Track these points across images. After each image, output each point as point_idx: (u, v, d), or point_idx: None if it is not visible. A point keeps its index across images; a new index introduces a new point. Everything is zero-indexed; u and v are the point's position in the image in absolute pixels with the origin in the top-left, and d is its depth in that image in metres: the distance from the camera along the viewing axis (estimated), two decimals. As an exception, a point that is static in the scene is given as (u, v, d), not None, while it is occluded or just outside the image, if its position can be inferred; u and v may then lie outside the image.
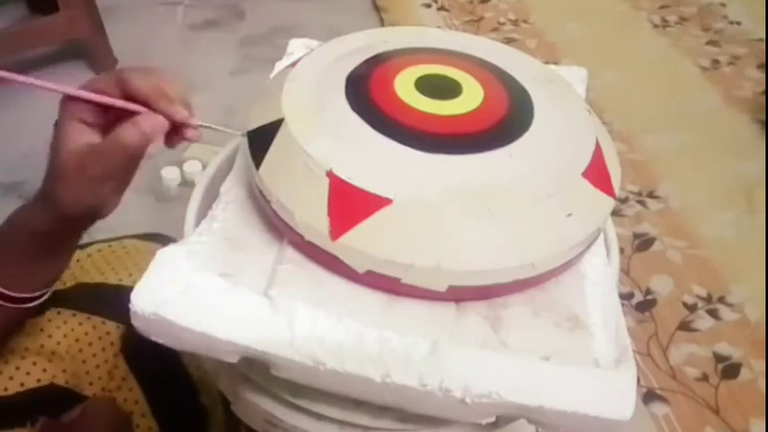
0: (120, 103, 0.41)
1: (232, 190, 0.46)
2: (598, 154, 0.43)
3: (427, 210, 0.38)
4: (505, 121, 0.43)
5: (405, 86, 0.44)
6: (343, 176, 0.38)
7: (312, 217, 0.38)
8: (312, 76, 0.46)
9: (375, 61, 0.47)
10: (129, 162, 0.41)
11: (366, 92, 0.44)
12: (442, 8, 1.75)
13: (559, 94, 0.48)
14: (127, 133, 0.40)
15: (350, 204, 0.38)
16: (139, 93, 0.40)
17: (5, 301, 0.46)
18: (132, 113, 0.41)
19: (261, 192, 0.41)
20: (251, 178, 0.43)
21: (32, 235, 0.45)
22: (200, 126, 0.43)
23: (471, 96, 0.44)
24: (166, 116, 0.41)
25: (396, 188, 0.38)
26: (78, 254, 0.61)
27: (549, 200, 0.39)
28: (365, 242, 0.37)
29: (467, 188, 0.39)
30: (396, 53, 0.49)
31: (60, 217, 0.43)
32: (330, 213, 0.38)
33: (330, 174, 0.38)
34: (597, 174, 0.42)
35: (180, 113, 0.41)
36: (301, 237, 0.39)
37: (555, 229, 0.39)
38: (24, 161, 1.26)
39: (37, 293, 0.48)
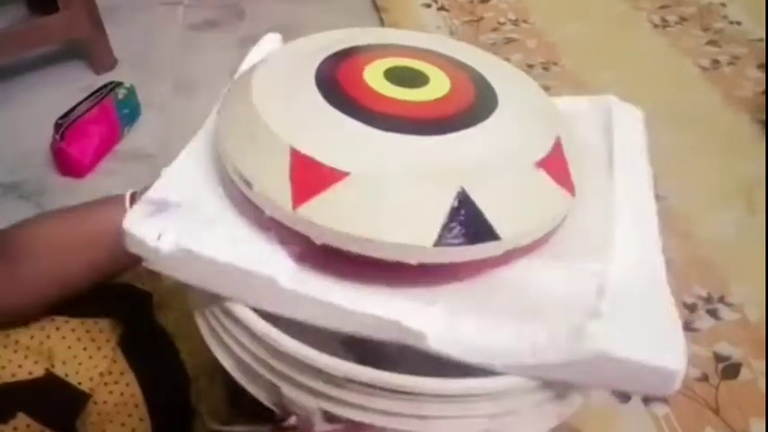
0: None
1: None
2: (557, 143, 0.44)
3: (385, 184, 0.38)
4: (472, 107, 0.44)
5: (374, 76, 0.45)
6: (305, 151, 0.39)
7: (273, 189, 0.39)
8: (283, 64, 0.47)
9: (345, 54, 0.49)
10: None
11: (335, 80, 0.45)
12: (442, 8, 1.75)
13: (521, 86, 0.50)
14: None
15: (309, 177, 0.38)
16: None
17: None
18: None
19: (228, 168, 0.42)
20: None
21: None
22: None
23: (438, 86, 0.45)
24: None
25: (354, 162, 0.38)
26: None
27: (511, 180, 0.40)
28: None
29: (431, 164, 0.39)
30: (364, 48, 0.50)
31: None
32: (292, 185, 0.38)
33: (292, 148, 0.39)
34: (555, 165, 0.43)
35: None
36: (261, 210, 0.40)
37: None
38: (24, 161, 1.26)
39: None
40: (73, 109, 1.24)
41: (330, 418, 0.40)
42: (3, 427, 0.51)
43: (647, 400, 0.89)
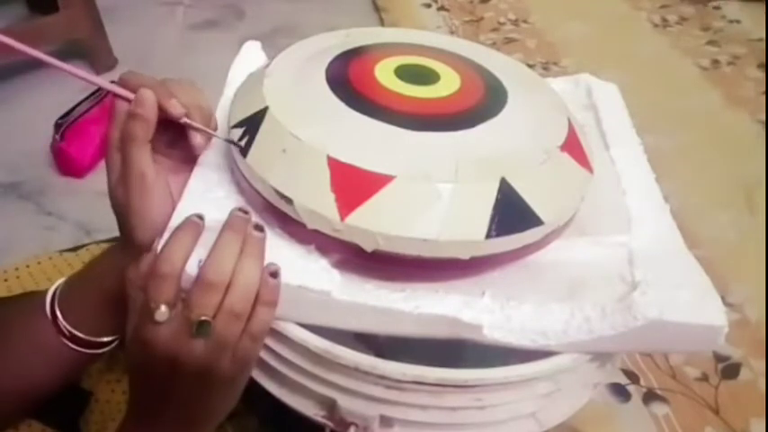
0: (109, 86, 0.41)
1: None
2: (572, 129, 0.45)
3: (431, 183, 0.38)
4: (486, 99, 0.45)
5: (385, 74, 0.45)
6: (344, 159, 0.38)
7: (315, 201, 0.38)
8: (291, 70, 0.46)
9: (352, 54, 0.48)
10: (153, 158, 0.41)
11: (348, 81, 0.45)
12: (442, 8, 1.75)
13: (523, 75, 0.50)
14: (126, 125, 0.40)
15: (353, 185, 0.38)
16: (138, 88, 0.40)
17: (76, 344, 0.46)
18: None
19: (249, 182, 0.41)
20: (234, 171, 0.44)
21: (115, 277, 0.44)
22: (188, 124, 0.42)
23: (449, 82, 0.46)
24: (161, 109, 0.40)
25: (396, 165, 0.38)
26: (71, 257, 0.60)
27: (543, 165, 0.41)
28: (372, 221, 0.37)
29: (470, 158, 0.39)
30: (371, 47, 0.50)
31: (141, 254, 0.41)
32: (336, 195, 0.38)
33: (329, 158, 0.38)
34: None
35: (174, 107, 0.40)
36: (303, 225, 0.39)
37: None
38: (24, 161, 1.27)
39: (106, 339, 0.47)
40: (73, 109, 1.24)
41: (386, 421, 0.40)
42: None
43: (647, 399, 0.89)
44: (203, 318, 0.35)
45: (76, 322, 0.45)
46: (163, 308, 0.35)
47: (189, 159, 0.45)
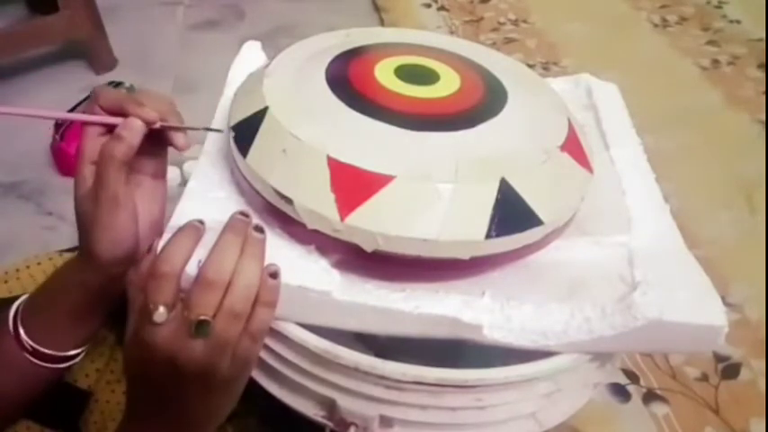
0: (94, 118, 0.41)
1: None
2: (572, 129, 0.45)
3: (431, 184, 0.38)
4: (486, 99, 0.45)
5: (385, 74, 0.45)
6: (344, 159, 0.38)
7: (315, 201, 0.38)
8: (291, 70, 0.46)
9: (352, 54, 0.49)
10: (126, 179, 0.42)
11: (348, 81, 0.45)
12: (442, 8, 1.75)
13: (523, 76, 0.51)
14: (108, 144, 0.40)
15: (353, 185, 0.38)
16: (111, 105, 0.41)
17: (40, 359, 0.45)
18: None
19: (248, 182, 0.41)
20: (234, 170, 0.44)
21: (75, 290, 0.45)
22: (166, 127, 0.43)
23: (449, 82, 0.46)
24: (140, 119, 0.41)
25: (396, 165, 0.38)
26: (71, 257, 0.60)
27: (543, 165, 0.41)
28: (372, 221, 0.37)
29: (469, 158, 0.39)
30: (371, 47, 0.50)
31: (100, 267, 0.43)
32: (335, 195, 0.38)
33: (329, 158, 0.38)
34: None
35: (147, 114, 0.41)
36: (303, 225, 0.39)
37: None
38: (24, 161, 1.26)
39: (70, 353, 0.47)
40: (73, 109, 1.24)
41: (386, 422, 0.40)
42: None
43: (647, 399, 0.89)
44: (203, 318, 0.35)
45: (41, 338, 0.45)
46: (161, 309, 0.35)
47: (161, 173, 0.47)
